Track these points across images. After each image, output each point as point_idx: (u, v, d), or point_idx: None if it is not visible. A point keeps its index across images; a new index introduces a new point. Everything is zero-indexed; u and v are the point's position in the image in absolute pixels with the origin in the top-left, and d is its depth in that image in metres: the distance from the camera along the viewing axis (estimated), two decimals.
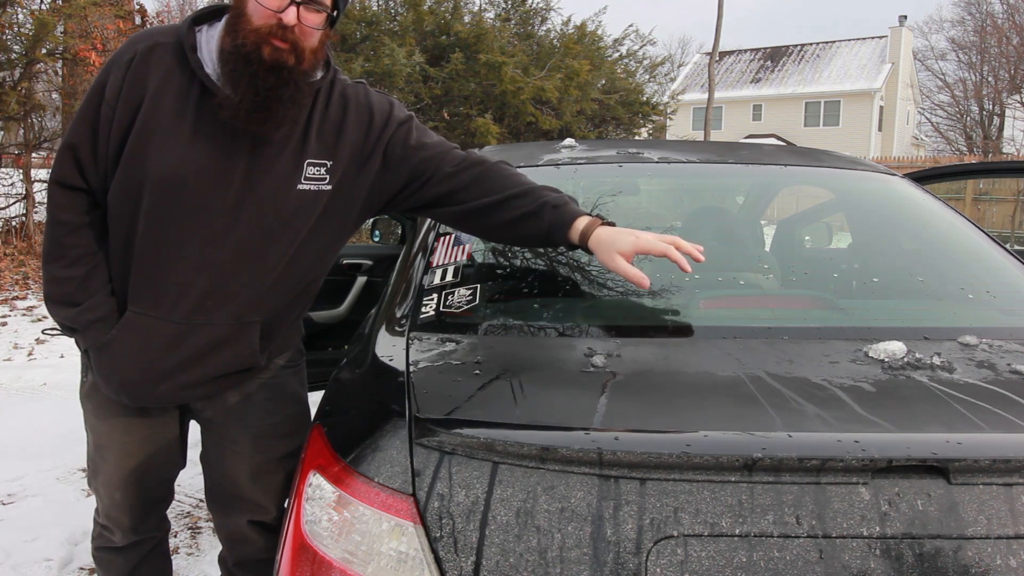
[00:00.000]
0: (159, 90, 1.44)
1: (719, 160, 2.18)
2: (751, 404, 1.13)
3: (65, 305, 1.52)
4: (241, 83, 1.40)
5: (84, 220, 1.50)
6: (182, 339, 1.52)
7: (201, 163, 1.45)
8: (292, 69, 1.43)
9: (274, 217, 1.51)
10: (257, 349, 1.60)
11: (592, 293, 1.67)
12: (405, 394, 1.20)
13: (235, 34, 1.42)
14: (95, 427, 1.67)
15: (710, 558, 0.97)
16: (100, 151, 1.47)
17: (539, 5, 12.84)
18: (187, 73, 1.45)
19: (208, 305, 1.51)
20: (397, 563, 1.04)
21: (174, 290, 1.49)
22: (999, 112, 31.39)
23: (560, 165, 2.09)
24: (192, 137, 1.45)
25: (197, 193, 1.46)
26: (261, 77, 1.40)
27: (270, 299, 1.58)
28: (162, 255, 1.48)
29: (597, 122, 13.10)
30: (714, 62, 19.51)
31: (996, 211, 15.32)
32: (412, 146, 1.60)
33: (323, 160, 1.54)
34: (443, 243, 1.76)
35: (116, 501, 1.71)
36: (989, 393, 1.19)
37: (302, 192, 1.52)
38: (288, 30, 1.41)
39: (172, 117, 1.44)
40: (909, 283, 1.84)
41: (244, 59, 1.41)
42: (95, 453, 1.70)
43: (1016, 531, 0.99)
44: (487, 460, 1.05)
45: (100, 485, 1.72)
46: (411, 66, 10.26)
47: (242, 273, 1.52)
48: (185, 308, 1.50)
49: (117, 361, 1.52)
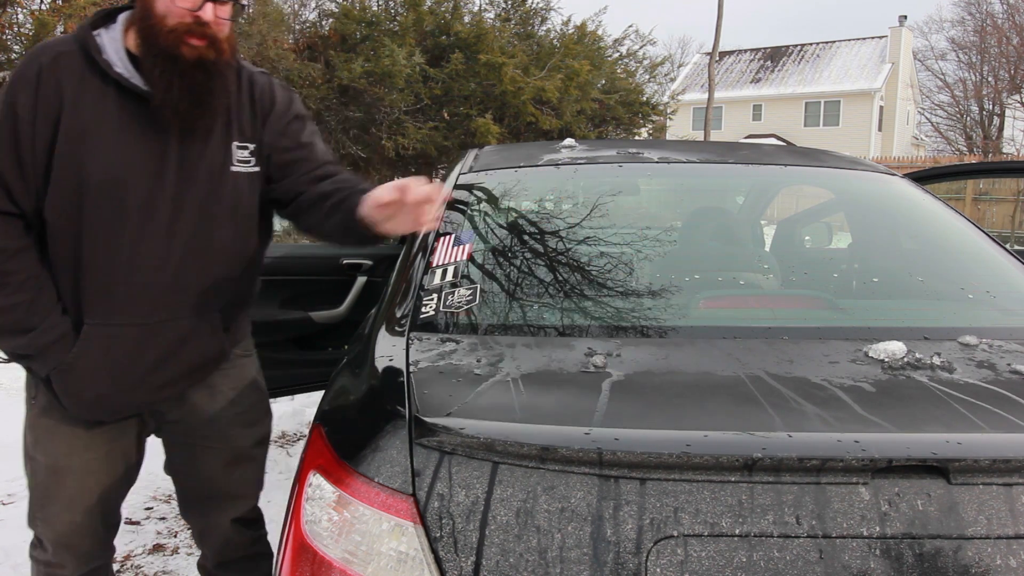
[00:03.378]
0: (76, 97, 1.45)
1: (719, 160, 2.18)
2: (751, 404, 1.13)
3: (17, 334, 1.47)
4: (174, 84, 1.44)
5: (22, 244, 1.47)
6: (148, 341, 1.52)
7: (136, 160, 1.47)
8: (215, 62, 1.48)
9: (214, 202, 1.55)
10: (223, 338, 1.63)
11: (592, 293, 1.67)
12: (405, 394, 1.20)
13: (152, 35, 1.44)
14: (50, 450, 1.59)
15: (710, 558, 0.97)
16: (27, 172, 1.44)
17: (539, 5, 12.83)
18: (99, 76, 1.46)
19: (167, 302, 1.53)
20: (397, 563, 1.04)
21: (131, 293, 1.49)
22: (999, 112, 31.38)
23: (560, 165, 2.09)
24: (121, 137, 1.46)
25: (138, 190, 1.47)
26: (190, 75, 1.45)
27: (224, 286, 1.61)
28: (114, 260, 1.48)
29: (597, 122, 13.10)
30: (714, 62, 19.51)
31: (996, 211, 15.32)
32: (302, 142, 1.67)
33: (247, 143, 1.60)
34: (443, 243, 1.76)
35: (76, 526, 1.64)
36: (989, 393, 1.19)
37: (236, 174, 1.58)
38: (205, 26, 1.45)
39: (96, 121, 1.45)
40: (909, 283, 1.84)
41: (170, 60, 1.44)
42: (48, 479, 1.61)
43: (1016, 531, 0.99)
44: (487, 460, 1.05)
45: (54, 514, 1.62)
46: (411, 66, 10.26)
47: (194, 264, 1.54)
48: (145, 309, 1.51)
49: (86, 378, 1.50)
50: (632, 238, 1.87)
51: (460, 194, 1.97)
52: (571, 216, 1.91)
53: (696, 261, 2.00)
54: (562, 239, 1.82)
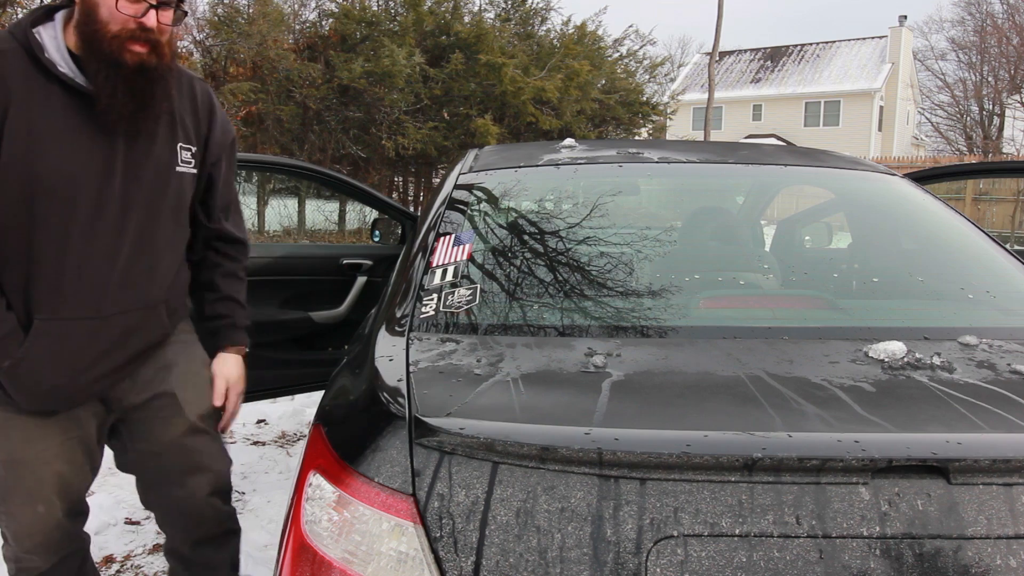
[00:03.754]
0: (22, 96, 1.45)
1: (719, 160, 2.18)
2: (751, 404, 1.13)
3: None
4: (117, 89, 1.48)
5: None
6: (98, 334, 1.57)
7: (85, 159, 1.50)
8: (157, 67, 1.53)
9: (160, 200, 1.63)
10: (167, 324, 1.73)
11: (592, 293, 1.67)
12: (405, 394, 1.20)
13: (95, 40, 1.47)
14: (4, 445, 1.59)
15: (710, 558, 0.97)
16: None
17: (539, 5, 12.84)
18: (43, 74, 1.47)
19: (117, 296, 1.58)
20: (397, 563, 1.04)
21: (81, 289, 1.53)
22: (999, 112, 31.37)
23: (560, 165, 2.09)
24: (69, 136, 1.49)
25: (88, 189, 1.51)
26: (133, 80, 1.49)
27: (167, 277, 1.70)
28: (64, 257, 1.51)
29: (597, 122, 13.10)
30: (714, 62, 19.51)
31: (996, 211, 15.33)
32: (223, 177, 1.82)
33: (190, 145, 1.70)
34: (443, 243, 1.76)
35: (40, 516, 1.64)
36: (989, 393, 1.19)
37: (180, 174, 1.67)
38: (149, 32, 1.49)
39: (45, 119, 1.47)
40: (909, 283, 1.84)
41: (113, 64, 1.47)
42: (6, 473, 1.61)
43: (1016, 531, 0.98)
44: (487, 460, 1.05)
45: (16, 507, 1.63)
46: (411, 66, 10.26)
47: (141, 259, 1.61)
48: (95, 304, 1.55)
49: (38, 372, 1.52)
50: (632, 238, 1.87)
51: (460, 194, 1.97)
52: (571, 216, 1.91)
53: (696, 261, 1.99)
54: (562, 239, 1.82)
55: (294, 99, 10.47)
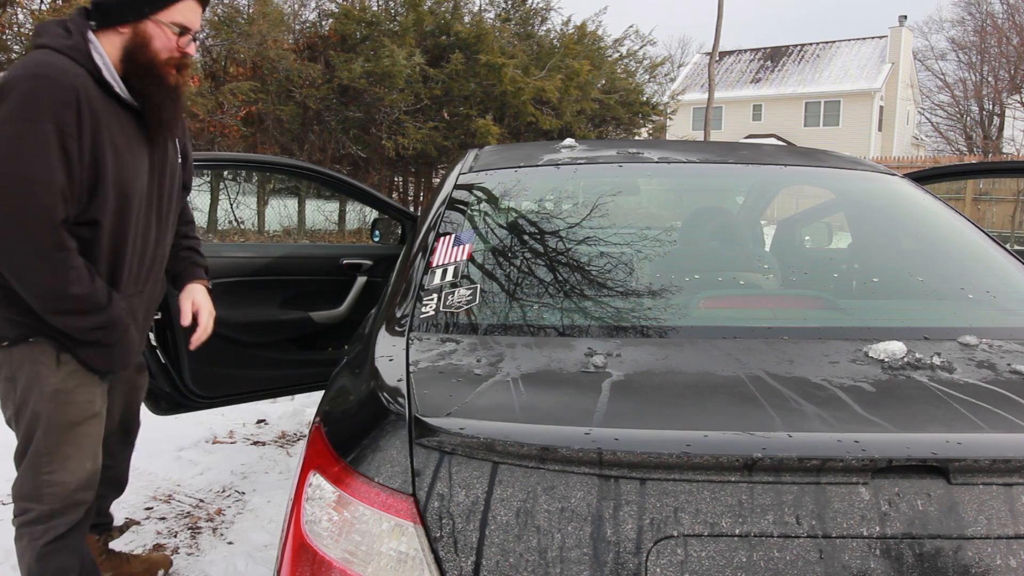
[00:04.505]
0: (103, 116, 1.73)
1: (719, 160, 2.18)
2: (751, 404, 1.13)
3: (93, 313, 1.77)
4: (164, 105, 1.82)
5: (72, 245, 1.73)
6: (140, 305, 1.96)
7: (139, 163, 1.84)
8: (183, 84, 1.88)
9: (175, 190, 2.03)
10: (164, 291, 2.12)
11: (592, 293, 1.67)
12: (405, 394, 1.20)
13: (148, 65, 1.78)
14: (71, 409, 1.83)
15: (710, 558, 0.97)
16: (75, 184, 1.70)
17: (539, 5, 12.84)
18: (104, 92, 1.75)
19: (157, 271, 2.00)
20: (397, 563, 1.04)
21: (139, 271, 1.91)
22: (999, 112, 31.38)
23: (560, 165, 2.09)
24: (129, 144, 1.80)
25: (141, 188, 1.85)
26: (172, 96, 1.84)
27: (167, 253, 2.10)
28: (134, 245, 1.87)
29: (597, 122, 13.11)
30: (714, 62, 19.51)
31: (996, 211, 15.33)
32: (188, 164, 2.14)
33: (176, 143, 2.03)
34: (443, 243, 1.76)
35: (87, 471, 1.89)
36: (989, 393, 1.19)
37: (177, 166, 2.04)
38: (186, 57, 1.84)
39: (119, 134, 1.77)
40: (909, 283, 1.84)
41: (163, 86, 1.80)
42: (66, 433, 1.83)
43: (1016, 531, 0.98)
44: (487, 460, 1.05)
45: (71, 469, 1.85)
46: (411, 66, 10.26)
47: (164, 240, 2.02)
48: (142, 281, 1.94)
49: (129, 337, 1.87)
50: (632, 238, 1.87)
51: (460, 194, 1.97)
52: (571, 216, 1.91)
53: (696, 261, 2.00)
54: (562, 239, 1.82)
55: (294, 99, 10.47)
